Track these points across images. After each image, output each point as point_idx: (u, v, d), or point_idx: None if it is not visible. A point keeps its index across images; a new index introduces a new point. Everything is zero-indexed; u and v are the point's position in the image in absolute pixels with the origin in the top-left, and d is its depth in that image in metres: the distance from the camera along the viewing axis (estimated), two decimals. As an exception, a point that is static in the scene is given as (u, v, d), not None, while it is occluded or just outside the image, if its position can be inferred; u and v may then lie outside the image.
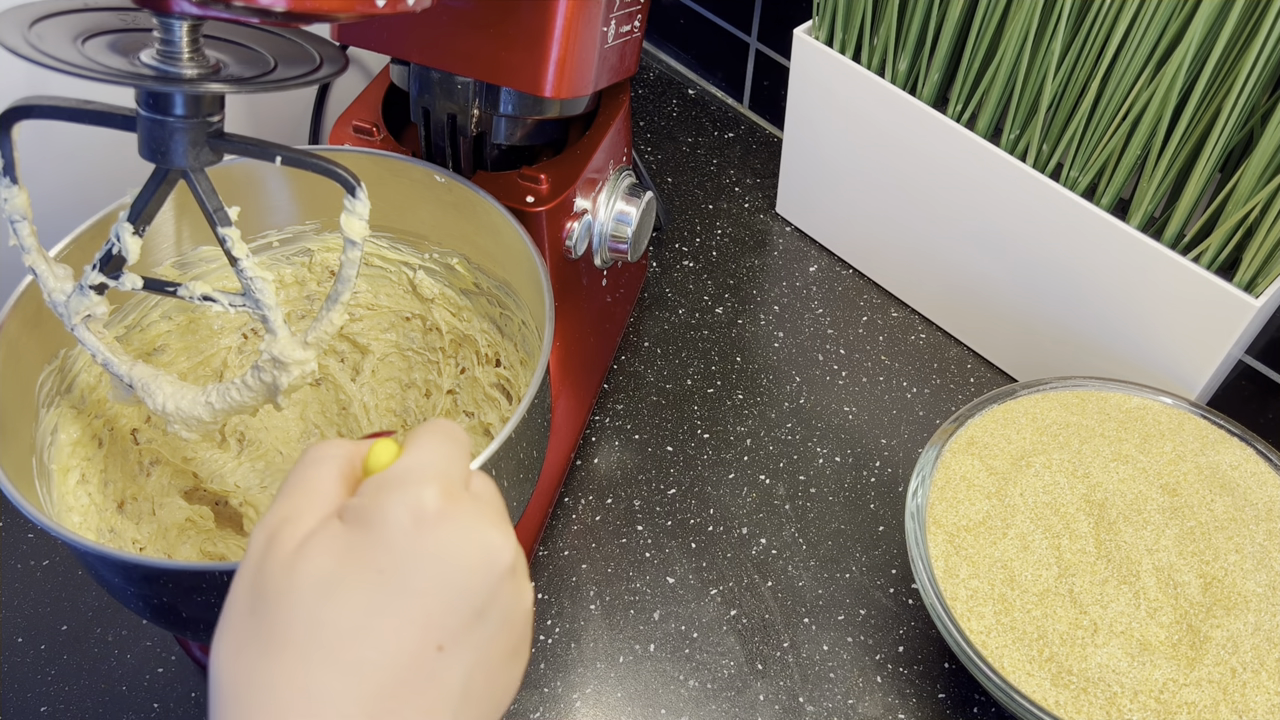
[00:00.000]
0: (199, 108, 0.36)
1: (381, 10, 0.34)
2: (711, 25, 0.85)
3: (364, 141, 0.55)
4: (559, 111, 0.54)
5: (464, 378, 0.58)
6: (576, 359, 0.62)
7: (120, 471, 0.51)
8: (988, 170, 0.60)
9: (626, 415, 0.66)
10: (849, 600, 0.58)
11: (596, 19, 0.50)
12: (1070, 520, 0.51)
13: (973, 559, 0.50)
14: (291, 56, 0.39)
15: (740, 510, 0.61)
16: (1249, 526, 0.50)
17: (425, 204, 0.52)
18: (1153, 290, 0.56)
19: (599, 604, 0.57)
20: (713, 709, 0.53)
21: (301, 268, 0.56)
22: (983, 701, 0.54)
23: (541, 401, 0.46)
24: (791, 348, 0.70)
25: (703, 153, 0.83)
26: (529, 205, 0.52)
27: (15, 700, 0.53)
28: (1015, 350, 0.67)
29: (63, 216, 0.48)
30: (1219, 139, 0.51)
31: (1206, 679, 0.46)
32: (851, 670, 0.55)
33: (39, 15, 0.35)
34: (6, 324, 0.43)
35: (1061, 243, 0.59)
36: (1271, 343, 0.59)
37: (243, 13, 0.31)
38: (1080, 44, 0.55)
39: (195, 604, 0.40)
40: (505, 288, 0.53)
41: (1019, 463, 0.53)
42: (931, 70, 0.62)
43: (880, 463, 0.64)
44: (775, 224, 0.78)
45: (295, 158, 0.38)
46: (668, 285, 0.74)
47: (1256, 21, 0.48)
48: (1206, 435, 0.55)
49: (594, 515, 0.61)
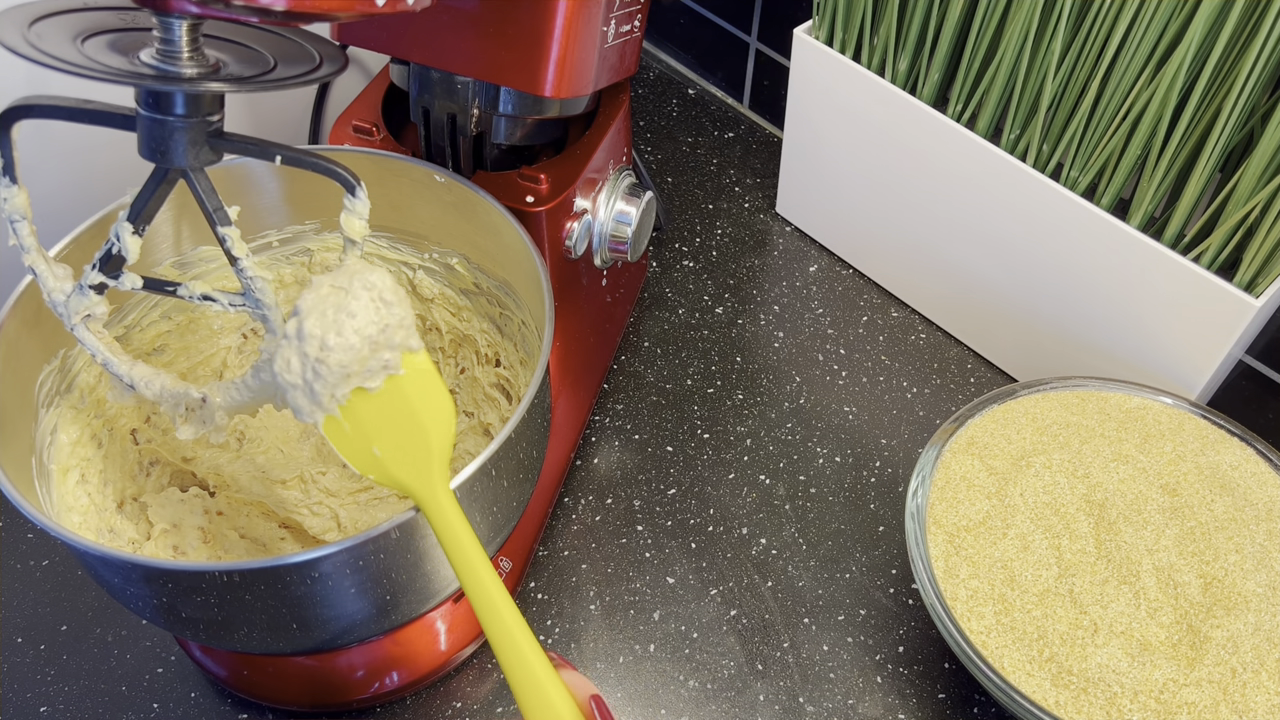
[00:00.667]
0: (199, 107, 0.36)
1: (381, 10, 0.34)
2: (711, 25, 0.85)
3: (364, 141, 0.55)
4: (559, 111, 0.54)
5: (464, 378, 0.58)
6: (576, 359, 0.62)
7: (120, 471, 0.51)
8: (988, 170, 0.60)
9: (626, 415, 0.66)
10: (849, 600, 0.58)
11: (596, 19, 0.50)
12: (1070, 520, 0.51)
13: (973, 559, 0.50)
14: (291, 56, 0.39)
15: (740, 510, 0.61)
16: (1249, 526, 0.50)
17: (425, 204, 0.52)
18: (1153, 290, 0.56)
19: (599, 604, 0.57)
20: (713, 709, 0.53)
21: (301, 268, 0.56)
22: (983, 701, 0.54)
23: (541, 401, 0.46)
24: (791, 348, 0.70)
25: (703, 153, 0.83)
26: (529, 205, 0.52)
27: (15, 700, 0.53)
28: (1015, 350, 0.67)
29: (63, 216, 0.48)
30: (1219, 139, 0.51)
31: (1206, 679, 0.46)
32: (851, 670, 0.55)
33: (39, 14, 0.35)
34: (6, 324, 0.43)
35: (1061, 243, 0.59)
36: (1271, 343, 0.59)
37: (242, 12, 0.31)
38: (1080, 44, 0.55)
39: (195, 604, 0.40)
40: (505, 288, 0.53)
41: (1019, 463, 0.53)
42: (931, 70, 0.62)
43: (880, 463, 0.64)
44: (775, 224, 0.78)
45: (295, 157, 0.38)
46: (668, 285, 0.74)
47: (1256, 21, 0.48)
48: (1206, 435, 0.55)
49: (594, 515, 0.61)
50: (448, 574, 0.44)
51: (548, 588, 0.58)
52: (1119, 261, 0.57)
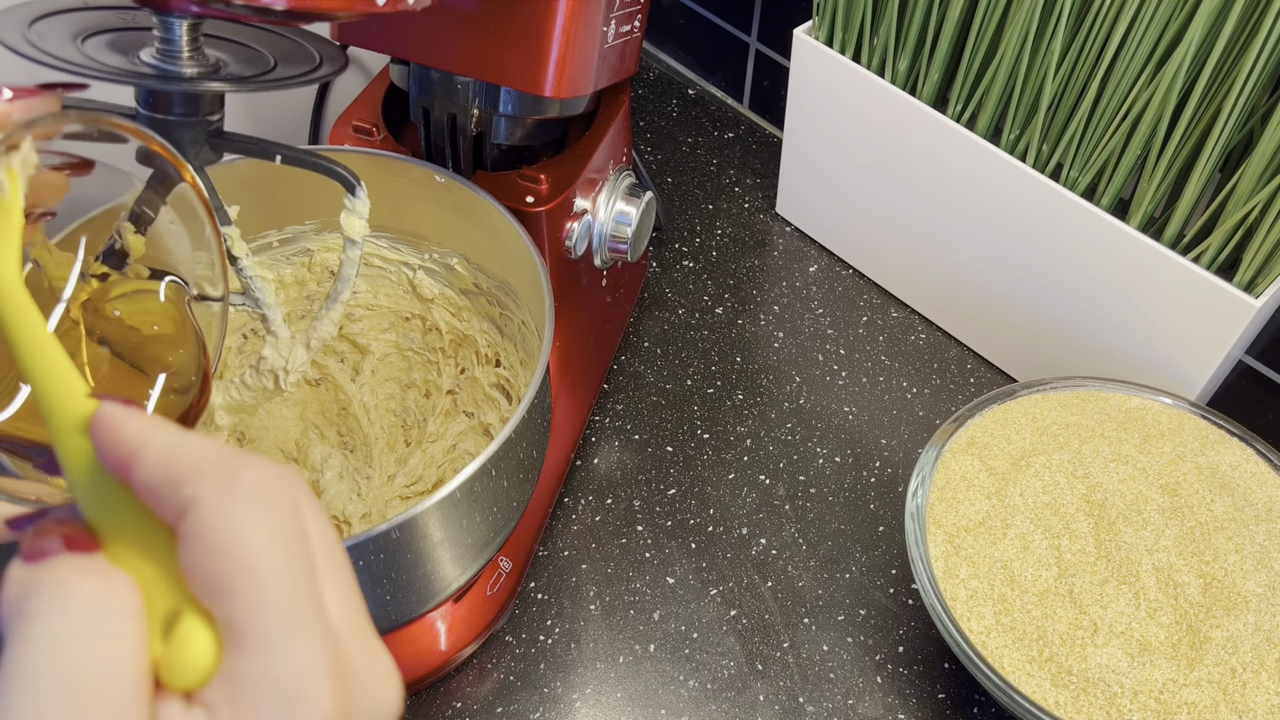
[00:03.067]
0: (199, 106, 0.36)
1: (381, 9, 0.34)
2: (711, 25, 0.85)
3: (364, 141, 0.55)
4: (559, 111, 0.54)
5: (464, 378, 0.58)
6: (576, 359, 0.62)
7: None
8: (988, 170, 0.60)
9: (626, 415, 0.66)
10: (849, 600, 0.58)
11: (596, 19, 0.50)
12: (1070, 520, 0.51)
13: (973, 559, 0.50)
14: (291, 56, 0.39)
15: (740, 510, 0.61)
16: (1249, 526, 0.50)
17: (425, 204, 0.52)
18: (1153, 290, 0.56)
19: (599, 604, 0.57)
20: (713, 709, 0.53)
21: (301, 268, 0.56)
22: (983, 701, 0.54)
23: (541, 401, 0.46)
24: (791, 348, 0.70)
25: (703, 153, 0.83)
26: (529, 205, 0.52)
27: (14, 700, 0.53)
28: (1015, 350, 0.67)
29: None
30: (1219, 139, 0.51)
31: (1206, 679, 0.46)
32: (851, 670, 0.55)
33: (39, 14, 0.35)
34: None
35: (1061, 243, 0.59)
36: (1271, 343, 0.59)
37: (243, 11, 0.31)
38: (1080, 44, 0.55)
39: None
40: (505, 288, 0.53)
41: (1019, 463, 0.53)
42: (931, 70, 0.62)
43: (880, 463, 0.64)
44: (775, 224, 0.78)
45: (295, 157, 0.38)
46: (668, 285, 0.74)
47: (1256, 21, 0.48)
48: (1206, 435, 0.55)
49: (594, 515, 0.61)
50: (448, 574, 0.44)
51: (548, 588, 0.58)
52: (1119, 261, 0.57)
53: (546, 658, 0.55)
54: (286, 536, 0.21)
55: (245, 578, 0.20)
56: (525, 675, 0.55)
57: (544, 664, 0.55)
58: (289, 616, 0.20)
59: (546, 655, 0.55)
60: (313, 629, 0.21)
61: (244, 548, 0.20)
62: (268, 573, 0.20)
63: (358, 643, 0.22)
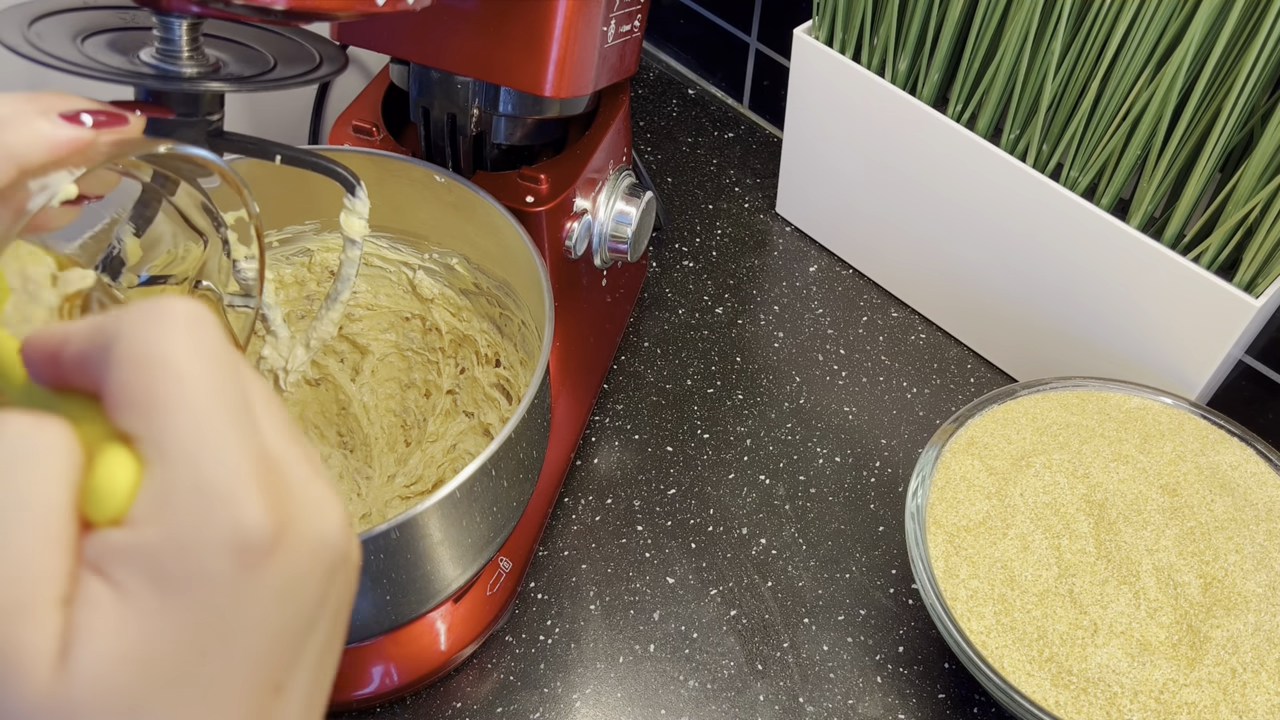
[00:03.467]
0: (198, 106, 0.36)
1: (381, 9, 0.34)
2: (711, 25, 0.85)
3: (364, 141, 0.55)
4: (559, 111, 0.54)
5: (464, 378, 0.58)
6: (576, 359, 0.62)
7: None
8: (988, 170, 0.60)
9: (626, 415, 0.66)
10: (849, 600, 0.58)
11: (596, 19, 0.50)
12: (1070, 520, 0.51)
13: (973, 559, 0.50)
14: (291, 55, 0.39)
15: (740, 510, 0.61)
16: (1249, 526, 0.50)
17: (425, 204, 0.52)
18: (1153, 290, 0.56)
19: (599, 604, 0.57)
20: (713, 709, 0.53)
21: (301, 268, 0.56)
22: (983, 701, 0.54)
23: (541, 401, 0.46)
24: (791, 348, 0.70)
25: (703, 153, 0.83)
26: (529, 205, 0.52)
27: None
28: (1015, 350, 0.67)
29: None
30: (1219, 139, 0.51)
31: (1206, 679, 0.46)
32: (851, 670, 0.55)
33: (39, 13, 0.35)
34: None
35: (1061, 243, 0.59)
36: (1271, 343, 0.59)
37: (242, 11, 0.31)
38: (1080, 44, 0.55)
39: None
40: (505, 288, 0.53)
41: (1019, 463, 0.53)
42: (931, 70, 0.62)
43: (880, 463, 0.64)
44: (775, 224, 0.78)
45: (295, 157, 0.38)
46: (668, 285, 0.74)
47: (1256, 21, 0.48)
48: (1206, 435, 0.55)
49: (594, 515, 0.61)
50: (448, 574, 0.44)
51: (548, 588, 0.58)
52: (1119, 261, 0.57)
53: (546, 658, 0.55)
54: (215, 354, 0.20)
55: (169, 384, 0.20)
56: (525, 675, 0.55)
57: (544, 664, 0.55)
58: (217, 421, 0.20)
59: (546, 655, 0.55)
60: (243, 438, 0.20)
61: (168, 356, 0.20)
62: (193, 379, 0.20)
63: (296, 467, 0.21)
